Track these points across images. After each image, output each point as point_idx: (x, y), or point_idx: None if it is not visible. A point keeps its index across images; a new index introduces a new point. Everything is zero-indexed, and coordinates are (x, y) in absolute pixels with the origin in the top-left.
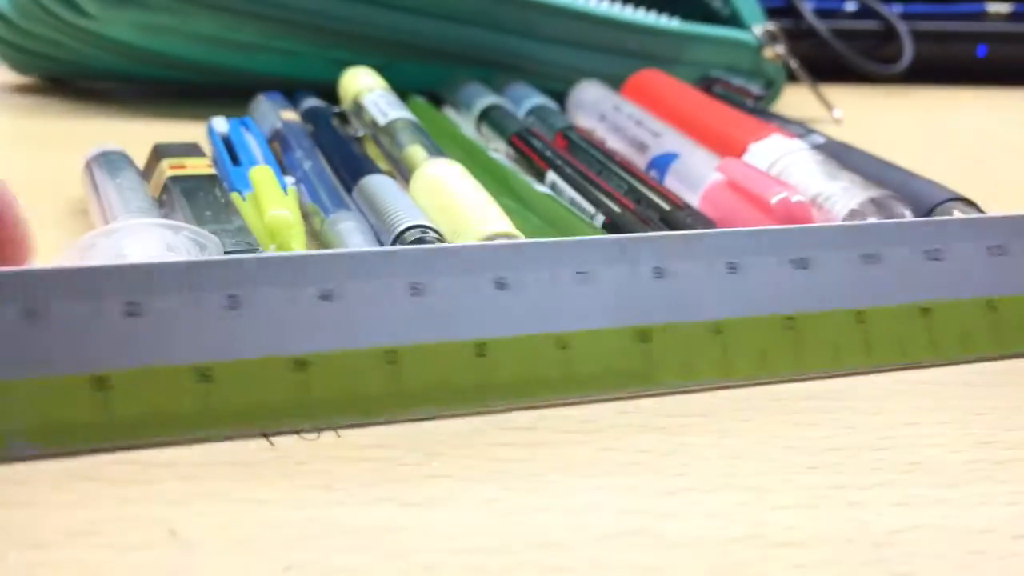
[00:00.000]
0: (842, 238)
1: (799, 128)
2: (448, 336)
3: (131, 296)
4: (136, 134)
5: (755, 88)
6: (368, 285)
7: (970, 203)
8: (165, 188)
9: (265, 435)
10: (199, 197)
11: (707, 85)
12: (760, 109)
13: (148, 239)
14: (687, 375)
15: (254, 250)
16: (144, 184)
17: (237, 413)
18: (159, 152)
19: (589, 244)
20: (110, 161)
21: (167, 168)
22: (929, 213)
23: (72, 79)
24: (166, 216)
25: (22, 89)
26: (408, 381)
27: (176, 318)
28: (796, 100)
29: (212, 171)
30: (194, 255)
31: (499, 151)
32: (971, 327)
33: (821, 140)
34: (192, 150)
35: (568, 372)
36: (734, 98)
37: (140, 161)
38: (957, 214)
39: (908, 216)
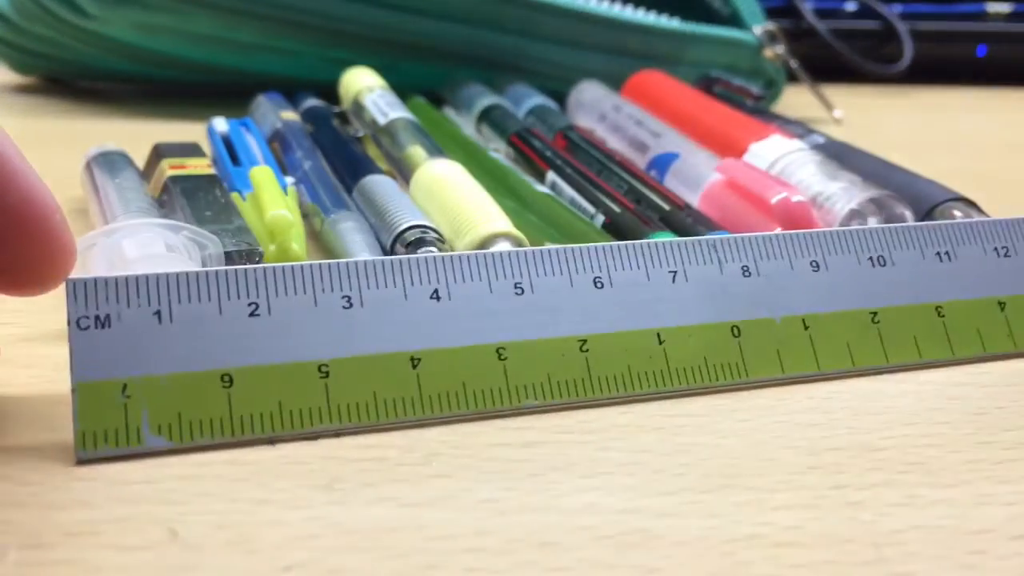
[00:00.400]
0: (919, 236)
1: (799, 128)
2: (550, 333)
3: (254, 297)
4: (136, 134)
5: (755, 88)
6: (473, 286)
7: (971, 203)
8: (165, 188)
9: (271, 440)
10: (199, 197)
11: (707, 85)
12: (760, 109)
13: (148, 239)
14: (778, 369)
15: (254, 250)
16: (144, 184)
17: (355, 407)
18: (159, 152)
19: (681, 245)
20: (110, 161)
21: (167, 168)
22: (929, 213)
23: (72, 79)
24: (166, 216)
25: (22, 89)
26: (514, 376)
27: (295, 317)
28: (796, 100)
29: (212, 171)
30: (194, 255)
31: (499, 151)
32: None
33: (821, 140)
34: (192, 150)
35: (665, 366)
36: (734, 98)
37: (140, 161)
38: (957, 214)
39: (908, 216)
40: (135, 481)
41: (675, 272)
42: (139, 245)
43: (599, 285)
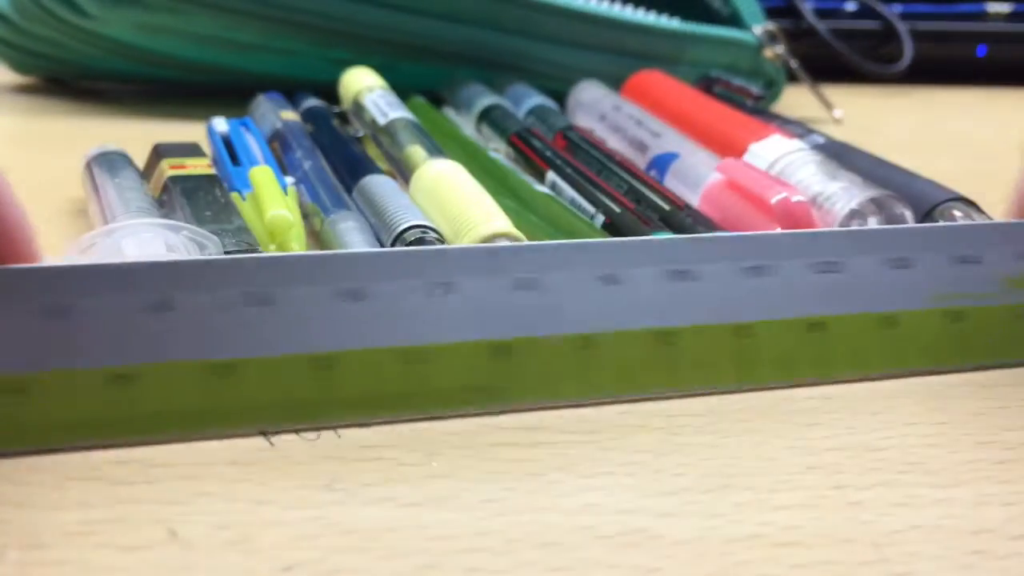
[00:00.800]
0: (730, 249)
1: (799, 128)
2: (290, 349)
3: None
4: (136, 134)
5: (755, 88)
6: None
7: (970, 203)
8: (165, 188)
9: (264, 434)
10: (199, 197)
11: (707, 85)
12: (760, 109)
13: (148, 239)
14: (549, 392)
15: (254, 250)
16: (144, 184)
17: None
18: (159, 152)
19: (452, 253)
20: (110, 161)
21: (167, 168)
22: (929, 213)
23: (72, 79)
24: (166, 216)
25: (22, 89)
26: (236, 392)
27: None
28: (796, 100)
29: (212, 171)
30: (194, 255)
31: (499, 151)
32: (865, 343)
33: (821, 140)
34: (192, 150)
35: (423, 387)
36: (734, 98)
37: (140, 161)
38: (957, 215)
39: (909, 216)
40: (135, 481)
41: (448, 284)
42: (139, 245)
43: (356, 297)
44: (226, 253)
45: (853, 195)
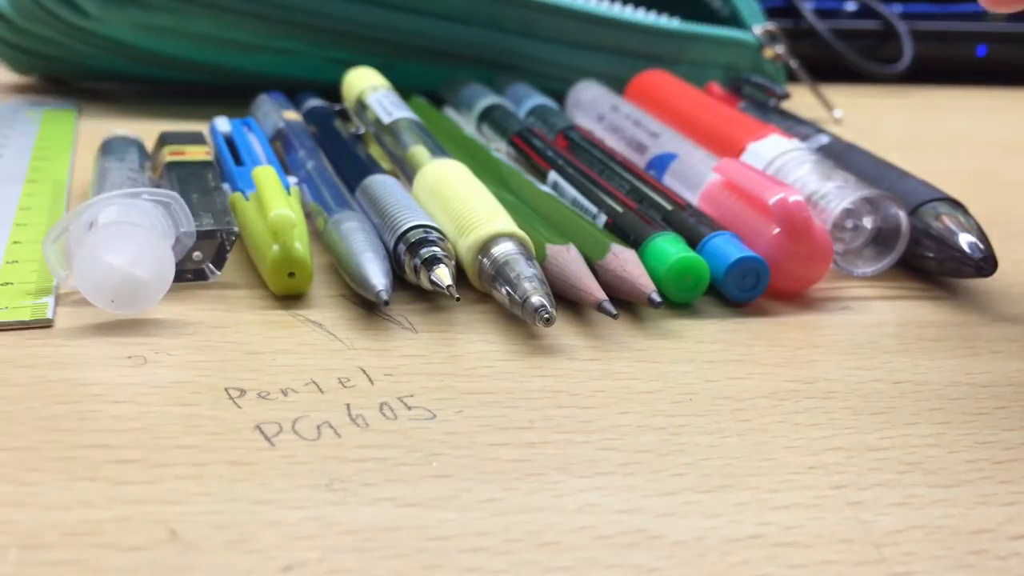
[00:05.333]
0: None
1: (809, 129)
2: None
3: None
4: (136, 134)
5: (779, 88)
6: None
7: (956, 203)
8: (163, 172)
9: (265, 435)
10: (190, 181)
11: (736, 86)
12: (778, 109)
13: (115, 210)
14: None
15: (230, 231)
16: (144, 167)
17: None
18: (163, 140)
19: None
20: (110, 146)
21: (167, 154)
22: (913, 212)
23: (72, 79)
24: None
25: (22, 89)
26: None
27: None
28: (796, 100)
29: (209, 158)
30: (160, 214)
31: (500, 151)
32: None
33: (826, 140)
34: (194, 138)
35: None
36: (759, 97)
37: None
38: (943, 214)
39: (902, 216)
40: (135, 481)
41: None
42: (105, 215)
43: None
44: (203, 231)
45: (847, 194)
